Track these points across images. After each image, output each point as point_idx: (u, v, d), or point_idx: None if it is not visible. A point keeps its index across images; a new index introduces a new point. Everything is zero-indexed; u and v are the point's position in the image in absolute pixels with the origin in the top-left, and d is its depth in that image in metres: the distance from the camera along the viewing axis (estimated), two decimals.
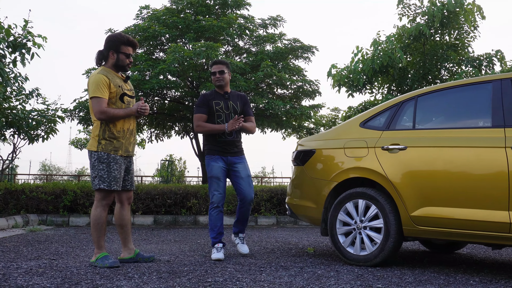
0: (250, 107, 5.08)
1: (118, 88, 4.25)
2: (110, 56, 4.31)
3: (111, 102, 4.22)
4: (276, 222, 9.90)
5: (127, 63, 4.33)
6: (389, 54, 11.35)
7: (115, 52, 4.29)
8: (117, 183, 4.19)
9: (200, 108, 4.89)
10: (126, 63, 4.33)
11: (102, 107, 4.11)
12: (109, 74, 4.24)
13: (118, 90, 4.25)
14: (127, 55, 4.31)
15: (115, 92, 4.23)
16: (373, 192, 4.25)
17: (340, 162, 4.55)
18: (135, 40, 4.46)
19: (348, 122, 4.82)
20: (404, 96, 4.50)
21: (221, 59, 5.15)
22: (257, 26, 12.45)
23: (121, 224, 4.39)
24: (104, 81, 4.15)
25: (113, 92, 4.22)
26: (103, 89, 4.13)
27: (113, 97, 4.23)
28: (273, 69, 10.74)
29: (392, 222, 4.10)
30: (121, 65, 4.32)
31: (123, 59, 4.30)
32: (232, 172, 4.87)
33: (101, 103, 4.12)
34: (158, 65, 10.56)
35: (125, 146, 4.30)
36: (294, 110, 11.20)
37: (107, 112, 4.13)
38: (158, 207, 10.01)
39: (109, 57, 4.31)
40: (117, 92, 4.24)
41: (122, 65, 4.32)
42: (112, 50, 4.29)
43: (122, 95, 4.29)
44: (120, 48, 4.29)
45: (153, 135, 13.76)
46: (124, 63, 4.31)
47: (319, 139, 4.96)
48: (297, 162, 5.03)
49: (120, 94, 4.27)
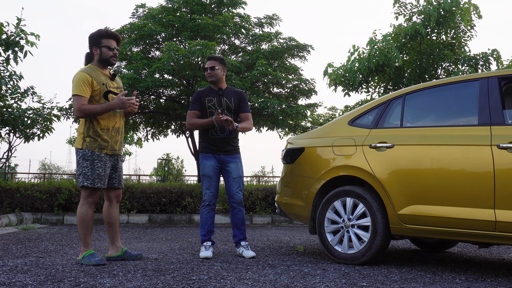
0: (247, 103, 5.00)
1: (102, 85, 4.22)
2: (94, 52, 4.31)
3: (94, 100, 4.20)
4: (271, 221, 9.89)
5: (110, 56, 4.30)
6: (385, 53, 11.33)
7: (97, 47, 4.29)
8: (101, 180, 4.17)
9: (193, 105, 4.87)
10: (110, 55, 4.30)
11: (79, 105, 4.09)
12: (93, 71, 4.23)
13: (102, 87, 4.23)
14: (109, 47, 4.28)
15: (99, 90, 4.21)
16: (360, 190, 4.24)
17: (329, 160, 4.54)
18: (115, 32, 4.43)
19: (337, 120, 4.80)
20: (392, 94, 4.49)
21: (215, 55, 5.09)
22: (253, 25, 12.43)
23: (109, 221, 4.39)
24: (85, 79, 4.13)
25: (96, 90, 4.19)
26: (83, 87, 4.11)
27: (96, 95, 4.20)
28: (268, 67, 10.73)
29: (380, 221, 4.09)
30: (105, 58, 4.29)
31: (106, 52, 4.28)
32: (224, 171, 4.83)
33: (79, 101, 4.10)
34: (153, 63, 10.55)
35: (110, 145, 4.28)
36: (290, 109, 11.19)
37: (84, 109, 4.10)
38: (153, 206, 10.00)
39: (94, 54, 4.31)
40: (100, 89, 4.21)
41: (106, 58, 4.29)
42: (94, 46, 4.30)
43: (107, 93, 4.26)
44: (101, 42, 4.28)
45: (149, 134, 13.75)
46: (107, 55, 4.29)
47: (308, 137, 4.94)
48: (286, 160, 5.02)
49: (104, 91, 4.24)
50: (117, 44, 4.38)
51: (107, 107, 4.16)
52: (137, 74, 10.73)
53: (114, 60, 4.35)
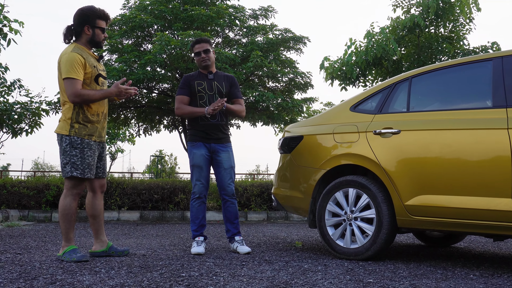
0: (238, 88, 4.67)
1: (93, 68, 3.90)
2: (85, 31, 3.95)
3: (85, 84, 3.87)
4: (267, 218, 9.60)
5: (102, 38, 4.00)
6: (383, 45, 11.05)
7: (91, 27, 3.94)
8: (91, 170, 3.85)
9: (182, 90, 4.53)
10: (102, 38, 3.99)
11: (77, 90, 3.75)
12: (83, 52, 3.89)
13: (94, 70, 3.90)
14: (102, 29, 3.97)
15: (91, 73, 3.88)
16: (364, 180, 3.93)
17: (329, 149, 4.23)
18: (108, 13, 4.10)
19: (338, 106, 4.49)
20: (397, 78, 4.18)
21: (203, 37, 4.73)
22: (247, 17, 12.10)
23: (93, 214, 4.05)
24: (79, 60, 3.79)
25: (88, 73, 3.87)
26: (78, 69, 3.78)
27: (87, 78, 3.87)
28: (263, 59, 10.41)
29: (385, 213, 3.78)
30: (97, 41, 3.97)
31: (99, 34, 3.96)
32: (214, 161, 4.50)
33: (75, 85, 3.76)
34: (145, 55, 10.21)
35: (98, 131, 3.97)
36: (286, 103, 10.87)
37: (82, 94, 3.77)
38: (144, 203, 9.69)
39: (83, 32, 3.94)
40: (92, 72, 3.89)
41: (98, 41, 3.97)
42: (87, 25, 3.94)
43: (97, 76, 3.94)
44: (96, 23, 3.94)
45: (141, 129, 13.40)
46: (100, 38, 3.97)
47: (307, 125, 4.63)
48: (283, 150, 4.70)
49: (96, 75, 3.92)
50: (107, 25, 4.08)
51: (104, 95, 3.88)
52: (128, 66, 10.39)
53: (104, 44, 4.10)
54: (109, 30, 11.47)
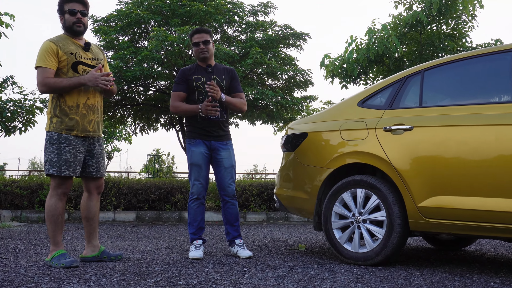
0: (239, 82, 4.40)
1: (69, 56, 3.62)
2: (60, 21, 3.74)
3: (61, 73, 3.61)
4: (266, 219, 9.37)
5: (73, 22, 3.67)
6: (384, 42, 10.82)
7: (62, 15, 3.71)
8: (69, 167, 3.56)
9: (178, 85, 4.25)
10: (72, 21, 3.67)
11: (42, 78, 3.51)
12: (61, 40, 3.64)
13: (70, 58, 3.62)
14: (71, 11, 3.66)
15: (66, 61, 3.61)
16: (373, 180, 3.67)
17: (336, 146, 3.97)
18: None
19: (345, 101, 4.24)
20: (408, 71, 3.93)
21: (203, 27, 4.44)
22: (246, 13, 11.84)
23: (87, 216, 3.79)
24: (50, 48, 3.55)
25: (63, 61, 3.60)
26: (47, 57, 3.53)
27: (63, 67, 3.61)
28: (263, 56, 10.15)
29: (396, 215, 3.52)
30: (68, 26, 3.68)
31: (69, 18, 3.67)
32: (214, 160, 4.23)
33: (43, 74, 3.51)
34: (141, 52, 9.93)
35: (82, 125, 3.65)
36: (286, 101, 10.61)
37: (47, 83, 3.51)
38: (141, 203, 9.45)
39: (61, 22, 3.74)
40: (68, 60, 3.61)
41: (69, 26, 3.68)
42: (59, 15, 3.72)
43: (76, 64, 3.65)
44: (64, 8, 3.68)
45: (137, 127, 13.13)
46: (70, 22, 3.67)
47: (311, 121, 4.37)
48: (287, 148, 4.45)
49: (73, 62, 3.64)
50: (84, 7, 3.73)
51: (76, 82, 3.56)
52: (124, 63, 10.12)
53: (79, 27, 3.69)
54: (105, 26, 11.20)
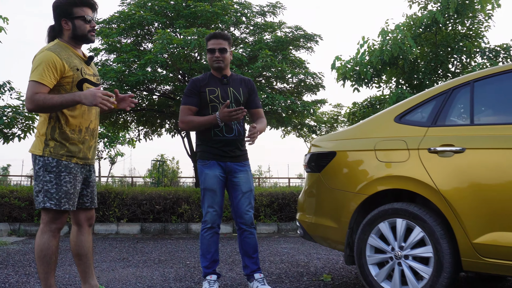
0: (257, 95, 3.89)
1: (75, 71, 3.06)
2: (64, 26, 3.12)
3: (63, 90, 3.04)
4: (277, 230, 8.91)
5: (88, 30, 3.14)
6: (399, 44, 10.31)
7: (69, 20, 3.11)
8: (69, 200, 3.03)
9: (188, 98, 3.73)
10: (87, 29, 3.13)
11: (32, 93, 2.91)
12: (64, 51, 3.06)
13: (76, 74, 3.06)
14: (85, 19, 3.12)
15: (72, 77, 3.04)
16: (417, 210, 3.16)
17: (371, 169, 3.46)
18: None
19: (379, 116, 3.72)
20: (455, 82, 3.41)
21: (222, 32, 3.89)
22: (254, 14, 11.33)
23: (78, 253, 3.24)
24: (51, 61, 2.95)
25: (68, 77, 3.03)
26: (46, 72, 2.93)
27: (67, 84, 3.04)
28: (273, 59, 9.64)
29: (446, 251, 3.01)
30: (81, 34, 3.12)
31: (81, 26, 3.11)
32: (230, 183, 3.72)
33: (34, 88, 2.92)
34: (145, 55, 9.43)
35: (83, 152, 3.13)
36: (296, 105, 10.10)
37: (36, 99, 2.91)
38: (145, 214, 8.97)
39: (63, 28, 3.13)
40: (74, 77, 3.05)
41: (82, 34, 3.13)
42: (64, 19, 3.11)
43: (82, 82, 3.10)
44: (73, 12, 3.09)
45: (141, 133, 12.63)
46: (84, 30, 3.12)
47: (340, 138, 3.85)
48: (311, 168, 3.93)
49: (79, 80, 3.08)
50: (93, 12, 3.20)
51: (69, 100, 2.95)
52: (127, 67, 9.62)
53: (93, 36, 3.17)
54: (107, 28, 10.70)
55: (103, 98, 2.94)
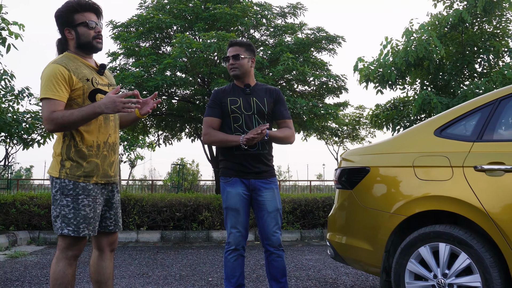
0: (285, 105, 3.62)
1: (85, 82, 2.82)
2: (68, 36, 2.90)
3: (75, 104, 2.81)
4: (300, 238, 8.66)
5: (93, 36, 2.88)
6: (424, 44, 9.95)
7: (71, 28, 2.88)
8: (89, 225, 2.80)
9: (211, 109, 3.50)
10: (92, 35, 2.88)
11: (49, 112, 2.70)
12: (71, 62, 2.83)
13: (87, 85, 2.83)
14: (88, 25, 2.87)
15: (82, 89, 2.81)
16: (462, 234, 2.88)
17: (409, 187, 3.18)
18: (91, 1, 2.96)
19: (417, 128, 3.44)
20: (501, 92, 3.12)
21: (239, 39, 3.65)
22: (274, 15, 11.08)
23: (98, 280, 3.00)
24: (59, 73, 2.73)
25: (78, 89, 2.80)
26: (57, 86, 2.72)
27: (78, 96, 2.81)
28: (294, 62, 9.37)
29: (496, 281, 2.72)
30: (85, 42, 2.87)
31: (85, 32, 2.86)
32: (255, 202, 3.46)
33: (49, 107, 2.70)
34: (164, 59, 9.25)
35: (103, 169, 2.89)
36: (318, 109, 9.82)
37: (54, 118, 2.69)
38: (165, 221, 8.80)
39: (68, 38, 2.91)
40: (84, 88, 2.82)
41: (87, 42, 2.88)
42: (66, 28, 2.89)
43: (94, 93, 2.86)
44: (75, 19, 2.85)
45: (161, 138, 12.47)
46: (88, 37, 2.87)
47: (373, 152, 3.57)
48: (342, 184, 3.66)
49: (90, 91, 2.85)
50: (100, 17, 2.96)
51: (90, 112, 2.72)
52: (146, 71, 9.45)
53: (99, 43, 2.92)
54: (125, 32, 10.56)
55: (124, 102, 2.71)
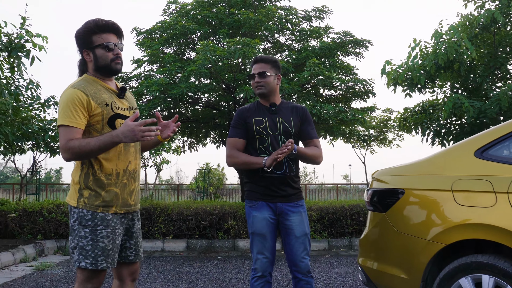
0: (312, 124, 3.46)
1: (104, 107, 2.69)
2: (86, 58, 2.78)
3: (94, 131, 2.68)
4: (328, 247, 8.50)
5: (111, 58, 2.74)
6: (455, 46, 9.63)
7: (89, 50, 2.75)
8: (107, 257, 2.67)
9: (235, 130, 3.35)
10: (110, 58, 2.73)
11: (65, 141, 2.58)
12: (90, 86, 2.70)
13: (106, 110, 2.69)
14: (106, 47, 2.72)
15: (101, 114, 2.68)
16: (508, 266, 2.67)
17: (447, 213, 2.97)
18: (111, 21, 2.82)
19: (456, 148, 3.22)
20: None
21: (265, 55, 3.48)
22: (299, 19, 10.90)
23: None
24: (77, 99, 2.61)
25: (97, 115, 2.67)
26: (74, 113, 2.60)
27: (97, 122, 2.68)
28: (320, 67, 9.18)
29: None
30: (103, 65, 2.74)
31: (103, 54, 2.72)
32: (282, 226, 3.30)
33: (66, 135, 2.59)
34: (188, 66, 9.16)
35: (122, 198, 2.75)
36: (345, 115, 9.60)
37: (71, 147, 2.57)
38: (191, 230, 8.73)
39: (86, 60, 2.79)
40: (103, 114, 2.69)
41: (105, 64, 2.74)
42: (85, 50, 2.76)
43: (113, 118, 2.73)
44: (93, 41, 2.72)
45: (186, 144, 12.41)
46: (106, 60, 2.73)
47: (408, 173, 3.37)
48: (375, 206, 3.46)
49: (110, 116, 2.71)
50: (120, 38, 2.83)
51: (107, 141, 2.59)
52: (170, 79, 9.38)
53: (118, 65, 2.78)
54: (149, 38, 10.52)
55: (143, 130, 2.55)
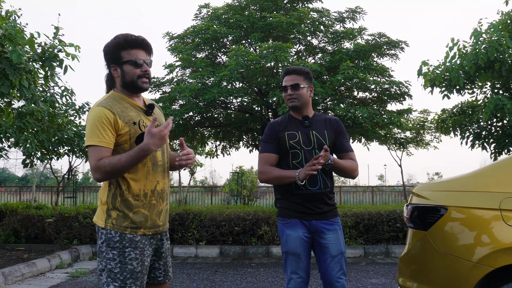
0: (347, 137, 3.34)
1: (132, 126, 2.61)
2: (113, 74, 2.70)
3: (122, 150, 2.60)
4: (364, 254, 8.30)
5: (138, 75, 2.65)
6: (496, 45, 9.26)
7: (117, 66, 2.67)
8: (136, 280, 2.58)
9: (267, 145, 3.23)
10: (137, 74, 2.64)
11: (95, 161, 2.51)
12: (117, 104, 2.63)
13: (133, 129, 2.61)
14: (135, 63, 2.64)
15: (128, 134, 2.59)
16: None
17: (496, 234, 2.78)
18: (141, 37, 2.74)
19: (503, 163, 3.02)
20: None
21: (296, 66, 3.35)
22: (332, 21, 10.70)
23: None
24: (104, 118, 2.53)
25: (125, 134, 2.58)
26: (103, 132, 2.53)
27: (124, 142, 2.60)
28: (355, 70, 8.97)
29: None
30: (130, 81, 2.65)
31: (130, 71, 2.64)
32: (317, 245, 3.17)
33: (95, 155, 2.52)
34: (220, 71, 9.10)
35: (151, 219, 2.66)
36: (381, 119, 9.35)
37: (102, 166, 2.50)
38: (224, 236, 8.66)
39: (113, 75, 2.71)
40: (130, 133, 2.60)
41: (132, 81, 2.65)
42: (113, 65, 2.68)
43: (141, 137, 2.62)
44: (121, 56, 2.64)
45: (218, 148, 12.38)
46: (132, 76, 2.64)
47: (451, 189, 3.18)
48: (415, 224, 3.28)
49: (137, 135, 2.62)
50: (149, 54, 2.73)
51: (138, 154, 2.50)
52: (202, 84, 9.34)
53: (146, 83, 2.68)
54: (181, 43, 10.52)
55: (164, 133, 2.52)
